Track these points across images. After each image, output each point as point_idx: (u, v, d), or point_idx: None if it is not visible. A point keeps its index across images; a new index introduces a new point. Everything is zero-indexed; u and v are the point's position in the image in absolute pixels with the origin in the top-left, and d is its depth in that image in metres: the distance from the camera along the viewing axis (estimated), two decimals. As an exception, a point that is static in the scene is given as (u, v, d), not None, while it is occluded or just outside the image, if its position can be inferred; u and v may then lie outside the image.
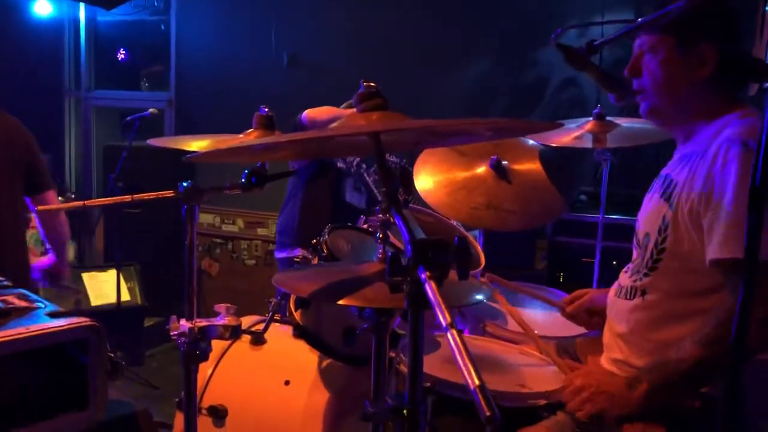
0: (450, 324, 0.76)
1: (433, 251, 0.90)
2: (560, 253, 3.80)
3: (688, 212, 1.50)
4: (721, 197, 1.42)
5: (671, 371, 1.47)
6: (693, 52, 1.55)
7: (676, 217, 1.53)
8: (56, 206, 3.91)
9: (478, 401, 0.67)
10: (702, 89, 1.58)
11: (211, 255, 5.53)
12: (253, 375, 2.05)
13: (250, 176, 1.60)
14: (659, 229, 1.59)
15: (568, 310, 2.00)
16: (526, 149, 2.51)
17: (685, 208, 1.51)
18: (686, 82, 1.58)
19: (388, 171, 1.10)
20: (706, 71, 1.54)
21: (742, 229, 1.36)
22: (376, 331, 1.42)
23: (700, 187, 1.48)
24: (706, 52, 1.53)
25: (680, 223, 1.52)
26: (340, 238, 2.11)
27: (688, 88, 1.59)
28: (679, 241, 1.53)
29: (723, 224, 1.41)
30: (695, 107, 1.61)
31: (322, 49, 5.06)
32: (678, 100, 1.62)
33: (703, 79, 1.55)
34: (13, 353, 1.24)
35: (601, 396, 1.52)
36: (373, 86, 1.20)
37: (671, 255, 1.56)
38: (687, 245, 1.52)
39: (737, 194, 1.39)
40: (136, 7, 5.63)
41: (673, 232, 1.55)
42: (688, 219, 1.50)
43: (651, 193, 1.69)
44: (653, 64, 1.60)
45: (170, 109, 5.71)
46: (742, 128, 1.48)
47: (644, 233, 1.66)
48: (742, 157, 1.41)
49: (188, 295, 1.59)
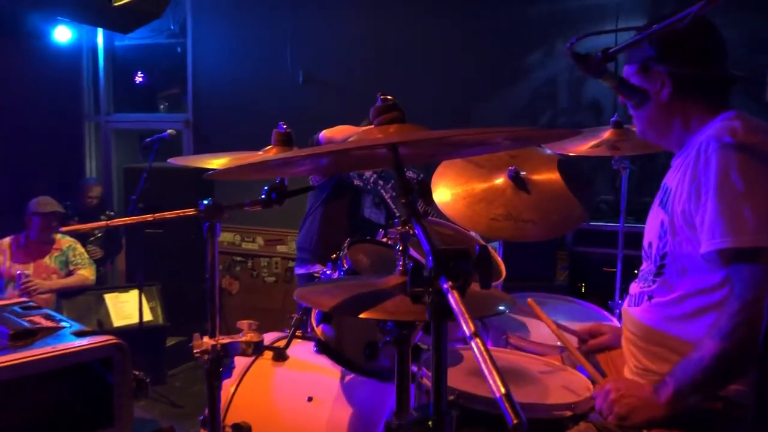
0: (474, 333, 0.75)
1: (454, 261, 0.89)
2: (581, 263, 3.78)
3: (681, 214, 1.55)
4: (706, 194, 1.48)
5: (694, 370, 1.46)
6: (651, 76, 1.66)
7: (673, 221, 1.59)
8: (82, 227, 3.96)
9: (504, 409, 0.66)
10: (675, 106, 1.66)
11: (231, 273, 5.55)
12: (276, 392, 2.05)
13: (270, 192, 1.61)
14: (659, 236, 1.64)
15: (585, 347, 2.00)
16: (543, 159, 2.50)
17: (678, 210, 1.56)
18: (654, 102, 1.68)
19: (407, 183, 1.10)
20: (665, 92, 1.65)
21: (725, 219, 1.41)
22: (398, 345, 1.41)
23: (688, 187, 1.53)
24: (660, 73, 1.64)
25: (676, 226, 1.58)
26: (360, 252, 2.11)
27: (658, 109, 1.68)
28: (678, 243, 1.57)
29: (708, 218, 1.46)
30: (672, 121, 1.68)
31: (337, 66, 5.10)
32: (654, 120, 1.71)
33: (668, 98, 1.65)
34: (40, 372, 1.25)
35: (628, 399, 1.53)
36: (390, 99, 1.21)
37: (673, 258, 1.60)
38: (686, 246, 1.55)
39: (719, 188, 1.44)
40: (152, 31, 5.72)
41: (671, 236, 1.59)
42: (683, 220, 1.55)
43: (653, 205, 1.75)
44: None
45: (188, 129, 5.78)
46: (719, 127, 1.54)
47: (648, 243, 1.72)
48: (720, 153, 1.47)
49: (211, 312, 1.59)
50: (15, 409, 1.27)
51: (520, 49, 4.50)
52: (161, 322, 4.75)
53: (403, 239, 1.43)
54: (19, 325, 1.38)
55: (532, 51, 4.47)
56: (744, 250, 1.41)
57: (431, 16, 4.74)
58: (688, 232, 1.54)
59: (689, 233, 1.54)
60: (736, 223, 1.42)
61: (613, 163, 2.85)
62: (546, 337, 2.23)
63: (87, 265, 4.61)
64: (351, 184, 3.42)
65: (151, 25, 5.17)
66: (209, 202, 1.59)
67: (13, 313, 1.48)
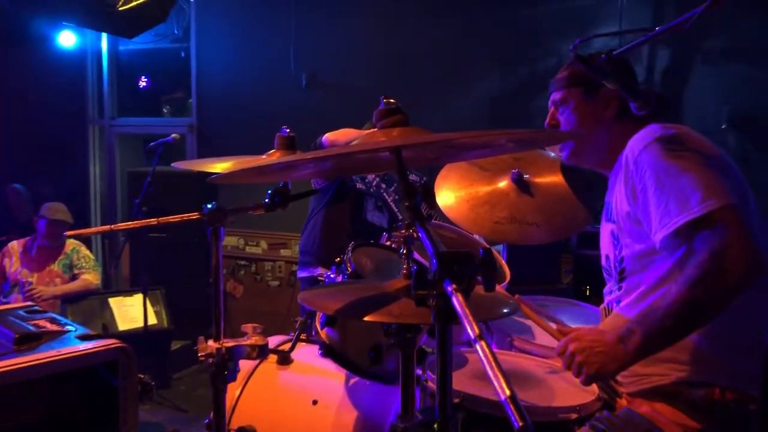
0: (479, 335, 0.75)
1: (458, 264, 0.89)
2: (586, 266, 3.76)
3: (626, 216, 1.64)
4: (644, 189, 1.56)
5: (663, 317, 1.46)
6: (598, 97, 1.79)
7: (620, 226, 1.68)
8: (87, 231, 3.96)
9: (510, 412, 0.66)
10: (613, 125, 1.78)
11: (235, 277, 5.56)
12: (281, 395, 2.05)
13: (273, 196, 1.62)
14: (613, 245, 1.73)
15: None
16: (547, 162, 2.50)
17: (621, 214, 1.66)
18: (597, 123, 1.80)
19: (411, 186, 1.10)
20: (611, 110, 1.78)
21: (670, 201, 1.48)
22: (402, 347, 1.42)
23: (624, 191, 1.63)
24: (609, 94, 1.74)
25: (624, 229, 1.67)
26: (364, 255, 2.11)
27: (600, 127, 1.80)
28: (630, 243, 1.65)
29: (654, 207, 1.53)
30: (610, 140, 1.79)
31: (340, 69, 5.11)
32: (593, 139, 1.82)
33: (611, 116, 1.78)
34: (45, 376, 1.26)
35: (595, 356, 1.52)
36: (393, 102, 1.21)
37: (630, 259, 1.67)
38: (638, 243, 1.63)
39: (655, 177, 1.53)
40: (156, 35, 5.74)
41: (623, 240, 1.68)
42: (628, 221, 1.64)
43: (601, 223, 1.85)
44: (567, 113, 1.85)
45: (191, 133, 5.79)
46: (639, 134, 1.64)
47: (605, 256, 1.80)
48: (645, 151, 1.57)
49: (215, 316, 1.59)
50: (20, 413, 1.27)
51: (525, 51, 4.50)
52: (166, 326, 4.76)
53: (406, 242, 1.43)
54: (24, 328, 1.39)
55: (536, 52, 4.47)
56: (697, 220, 1.44)
57: (435, 19, 4.74)
58: (636, 230, 1.62)
59: (637, 230, 1.61)
60: (681, 199, 1.47)
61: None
62: (551, 340, 2.22)
63: (91, 268, 4.60)
64: (353, 187, 3.42)
65: (155, 29, 5.20)
66: (213, 206, 1.59)
67: (18, 317, 1.49)
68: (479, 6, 4.60)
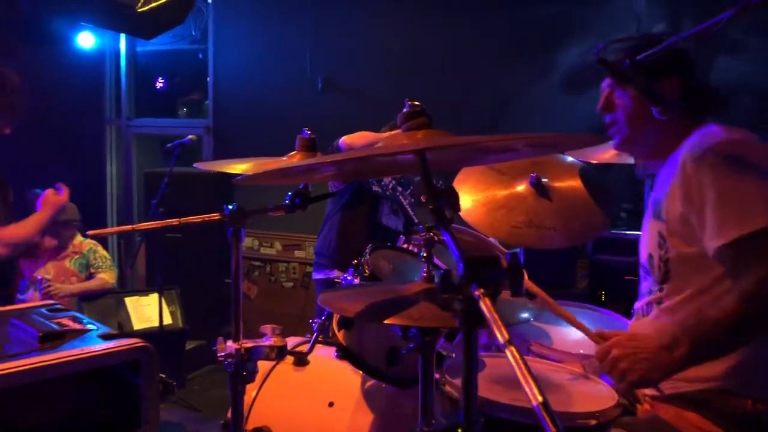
0: (508, 341, 0.75)
1: (485, 268, 0.89)
2: (601, 271, 3.74)
3: (679, 218, 1.59)
4: (702, 195, 1.51)
5: (712, 327, 1.43)
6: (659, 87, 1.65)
7: (670, 227, 1.62)
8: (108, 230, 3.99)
9: (542, 419, 0.66)
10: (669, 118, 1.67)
11: (249, 278, 5.58)
12: (297, 397, 2.05)
13: (294, 197, 1.62)
14: (659, 245, 1.67)
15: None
16: (565, 166, 2.49)
17: (674, 215, 1.60)
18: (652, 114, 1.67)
19: (435, 189, 1.10)
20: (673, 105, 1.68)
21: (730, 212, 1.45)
22: (421, 351, 1.41)
23: (680, 193, 1.57)
24: (671, 85, 1.66)
25: (675, 231, 1.61)
26: (381, 258, 2.11)
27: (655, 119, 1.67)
28: (680, 246, 1.61)
29: (711, 216, 1.49)
30: (664, 134, 1.72)
31: (356, 73, 5.11)
32: (649, 130, 1.73)
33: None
34: (67, 374, 1.26)
35: (640, 363, 1.48)
36: (417, 105, 1.21)
37: (677, 262, 1.63)
38: (687, 247, 1.59)
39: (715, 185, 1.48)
40: (174, 37, 5.77)
41: (671, 242, 1.63)
42: (680, 224, 1.59)
43: (645, 220, 1.78)
44: (625, 99, 1.74)
45: (208, 135, 5.82)
46: (701, 134, 1.60)
47: (648, 255, 1.73)
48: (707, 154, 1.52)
49: (234, 317, 1.60)
50: (43, 411, 1.28)
51: (541, 54, 4.49)
52: (181, 326, 4.77)
53: (427, 246, 1.43)
54: (48, 327, 1.40)
55: (553, 55, 4.45)
56: (757, 233, 1.42)
57: (450, 21, 4.74)
58: (688, 233, 1.57)
59: (689, 233, 1.57)
60: (741, 210, 1.44)
61: (636, 170, 2.82)
62: (569, 345, 2.21)
63: (108, 268, 4.63)
64: (369, 190, 3.43)
65: (173, 31, 5.23)
66: (234, 207, 1.60)
67: (41, 315, 1.50)
68: (495, 9, 4.59)
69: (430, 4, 4.82)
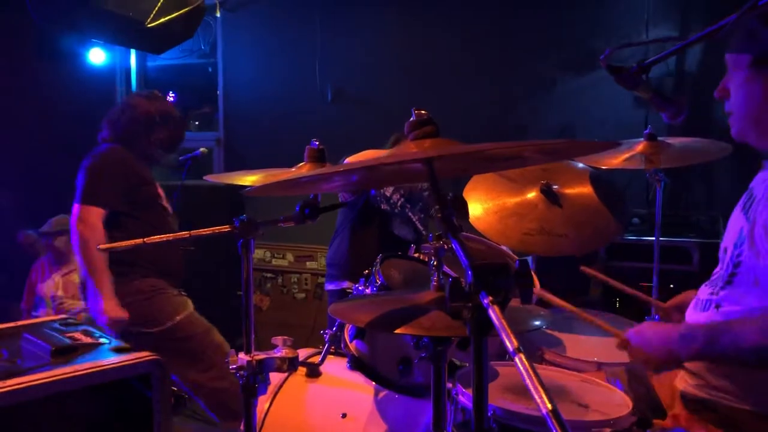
0: (517, 348, 0.75)
1: (494, 276, 0.89)
2: (615, 277, 3.70)
3: (764, 225, 1.45)
4: None
5: (730, 345, 1.39)
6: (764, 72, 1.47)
7: (753, 231, 1.49)
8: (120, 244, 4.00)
9: (552, 426, 0.65)
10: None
11: (261, 290, 5.58)
12: (310, 408, 2.04)
13: (303, 208, 1.62)
14: (736, 243, 1.54)
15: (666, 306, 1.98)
16: (575, 173, 2.48)
17: (760, 220, 1.46)
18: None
19: (444, 197, 1.10)
20: None
21: None
22: (433, 361, 1.41)
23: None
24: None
25: (756, 237, 1.47)
26: (392, 267, 2.11)
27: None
28: (755, 254, 1.48)
29: None
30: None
31: (365, 83, 5.13)
32: (762, 120, 1.53)
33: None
34: (80, 388, 1.27)
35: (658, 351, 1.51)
36: (424, 114, 1.21)
37: (747, 269, 1.51)
38: (764, 259, 1.46)
39: None
40: (183, 51, 5.82)
41: (748, 246, 1.49)
42: (763, 231, 1.45)
43: (736, 208, 1.63)
44: (737, 84, 1.55)
45: (219, 148, 5.85)
46: None
47: (724, 248, 1.62)
48: None
49: (246, 329, 1.60)
50: (56, 425, 1.28)
51: (550, 61, 4.48)
52: (194, 338, 4.77)
53: (437, 254, 1.43)
54: (60, 341, 1.41)
55: (561, 61, 4.45)
56: None
57: (460, 32, 4.74)
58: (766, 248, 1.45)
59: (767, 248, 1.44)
60: None
61: (648, 176, 2.80)
62: (583, 352, 2.20)
63: (119, 282, 4.65)
64: (378, 209, 3.42)
65: (183, 45, 5.27)
66: (244, 218, 1.60)
67: (54, 329, 1.51)
68: (503, 17, 4.60)
69: (438, 13, 4.83)
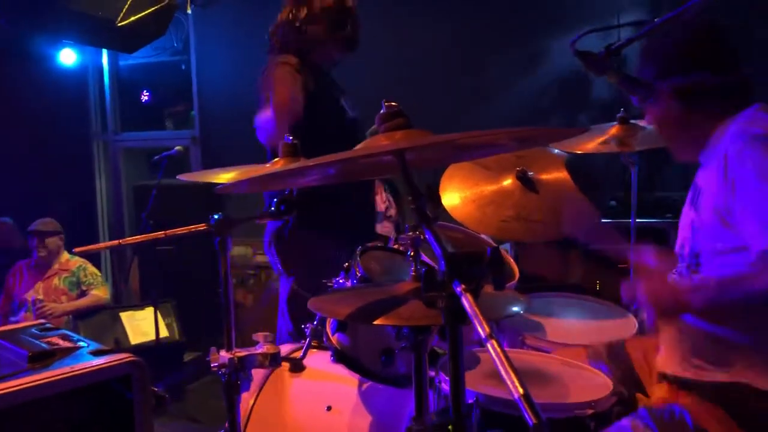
0: (489, 335, 0.75)
1: (466, 264, 0.90)
2: (595, 261, 3.74)
3: (713, 211, 1.51)
4: (745, 189, 1.42)
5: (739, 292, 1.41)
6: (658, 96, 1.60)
7: (702, 219, 1.55)
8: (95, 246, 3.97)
9: (524, 410, 0.66)
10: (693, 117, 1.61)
11: (245, 287, 5.56)
12: (295, 402, 2.05)
13: (279, 204, 1.62)
14: (691, 236, 1.61)
15: None
16: (551, 159, 2.50)
17: (709, 207, 1.52)
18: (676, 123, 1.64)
19: (416, 188, 1.10)
20: (676, 108, 1.60)
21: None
22: (414, 350, 1.41)
23: (720, 183, 1.48)
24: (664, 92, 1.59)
25: (707, 224, 1.54)
26: (372, 259, 2.11)
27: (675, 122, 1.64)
28: (711, 240, 1.53)
29: (755, 215, 1.40)
30: (694, 130, 1.63)
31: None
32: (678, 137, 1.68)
33: (680, 112, 1.60)
34: (59, 393, 1.26)
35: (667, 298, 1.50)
36: (394, 105, 1.21)
37: (707, 257, 1.57)
38: (719, 243, 1.51)
39: (760, 182, 1.39)
40: (156, 49, 5.75)
41: (702, 235, 1.56)
42: (715, 217, 1.50)
43: (685, 204, 1.70)
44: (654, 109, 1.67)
45: (195, 145, 5.80)
46: (745, 121, 1.51)
47: (681, 243, 1.68)
48: (752, 145, 1.43)
49: (226, 326, 1.60)
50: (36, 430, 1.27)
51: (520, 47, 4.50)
52: (178, 338, 4.76)
53: (414, 245, 1.43)
54: (38, 346, 1.39)
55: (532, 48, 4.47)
56: None
57: (435, 25, 4.74)
58: (721, 229, 1.50)
59: (722, 230, 1.50)
60: None
61: (622, 158, 2.83)
62: (563, 336, 2.22)
63: (100, 284, 4.63)
64: None
65: (155, 43, 5.22)
66: (219, 216, 1.59)
67: (31, 335, 1.49)
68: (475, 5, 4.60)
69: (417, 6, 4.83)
